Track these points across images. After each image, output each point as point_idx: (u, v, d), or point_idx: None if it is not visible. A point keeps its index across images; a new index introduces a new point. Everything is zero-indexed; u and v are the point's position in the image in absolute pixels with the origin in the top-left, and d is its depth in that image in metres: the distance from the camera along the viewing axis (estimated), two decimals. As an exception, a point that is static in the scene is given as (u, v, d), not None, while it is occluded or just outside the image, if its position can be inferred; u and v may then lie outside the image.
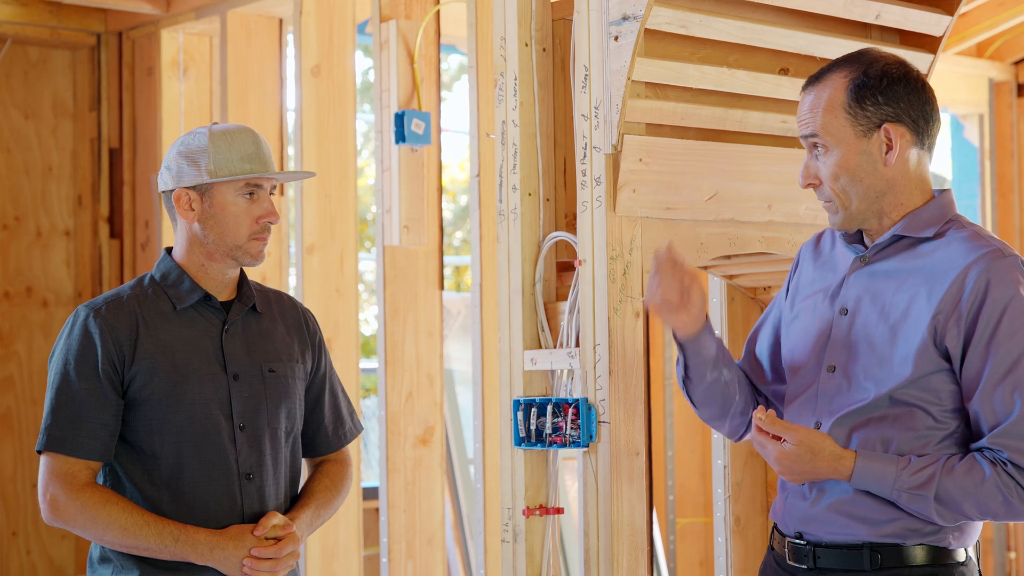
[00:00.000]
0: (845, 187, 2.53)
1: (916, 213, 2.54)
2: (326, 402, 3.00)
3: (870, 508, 2.50)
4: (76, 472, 2.74)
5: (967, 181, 7.09)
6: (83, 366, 2.75)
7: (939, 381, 2.47)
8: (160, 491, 2.77)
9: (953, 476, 2.43)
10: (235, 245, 2.82)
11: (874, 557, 2.50)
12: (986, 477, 2.41)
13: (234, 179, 2.79)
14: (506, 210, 3.18)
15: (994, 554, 6.86)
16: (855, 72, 2.54)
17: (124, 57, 5.74)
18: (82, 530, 2.74)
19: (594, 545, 3.00)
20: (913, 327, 2.47)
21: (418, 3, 4.83)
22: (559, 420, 3.05)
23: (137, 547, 2.72)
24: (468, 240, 10.01)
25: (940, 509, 2.44)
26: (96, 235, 5.78)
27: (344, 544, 4.99)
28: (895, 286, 2.53)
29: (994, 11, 6.38)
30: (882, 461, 2.46)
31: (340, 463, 3.03)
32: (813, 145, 2.56)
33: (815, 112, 2.54)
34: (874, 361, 2.51)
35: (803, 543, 2.57)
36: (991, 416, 2.43)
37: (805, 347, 2.64)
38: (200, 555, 2.73)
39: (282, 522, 2.80)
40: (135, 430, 2.78)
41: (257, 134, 2.85)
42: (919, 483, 2.43)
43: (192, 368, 2.79)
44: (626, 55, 2.96)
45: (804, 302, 2.69)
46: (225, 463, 2.79)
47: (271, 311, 2.95)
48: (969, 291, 2.43)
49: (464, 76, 10.71)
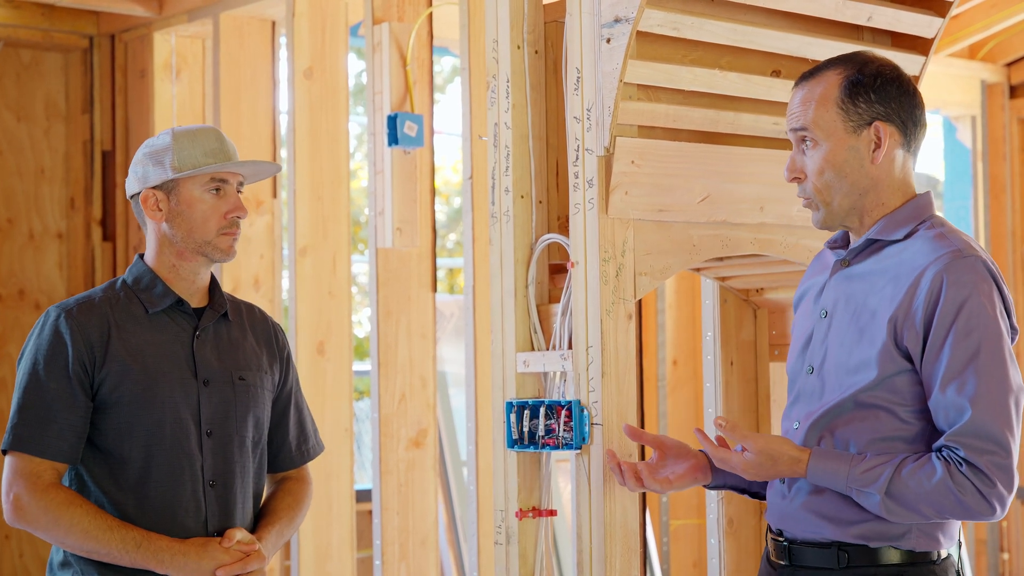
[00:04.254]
0: (829, 182, 2.56)
1: (892, 215, 2.57)
2: (291, 417, 3.00)
3: (840, 508, 2.53)
4: (41, 472, 2.71)
5: (960, 183, 7.10)
6: (53, 366, 2.73)
7: (903, 382, 2.48)
8: (126, 495, 2.75)
9: (904, 475, 2.44)
10: (204, 241, 2.82)
11: (842, 556, 2.52)
12: (936, 477, 2.41)
13: (198, 173, 2.79)
14: (499, 212, 3.18)
15: (987, 555, 6.87)
16: (850, 70, 2.58)
17: (117, 59, 5.73)
18: (44, 532, 2.71)
19: (587, 547, 3.00)
20: (877, 328, 2.50)
21: (411, 5, 4.83)
22: (552, 422, 3.05)
23: (98, 552, 2.69)
24: (461, 242, 10.01)
25: (891, 506, 2.45)
26: (89, 237, 5.78)
27: (337, 546, 4.99)
28: (866, 288, 2.56)
29: (986, 13, 6.39)
30: (835, 459, 2.49)
31: (301, 481, 3.03)
32: (801, 139, 2.59)
33: (807, 106, 2.58)
34: (843, 363, 2.54)
35: (782, 540, 2.61)
36: (947, 415, 2.44)
37: (795, 350, 2.69)
38: (160, 562, 2.70)
39: (247, 539, 2.78)
40: (103, 433, 2.76)
41: (220, 132, 2.86)
42: (869, 481, 2.45)
43: (163, 372, 2.78)
44: (618, 57, 2.96)
45: (801, 308, 2.74)
46: (192, 469, 2.77)
47: (242, 321, 2.94)
48: (925, 291, 2.45)
49: (457, 78, 10.72)
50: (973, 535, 6.90)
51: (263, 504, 2.95)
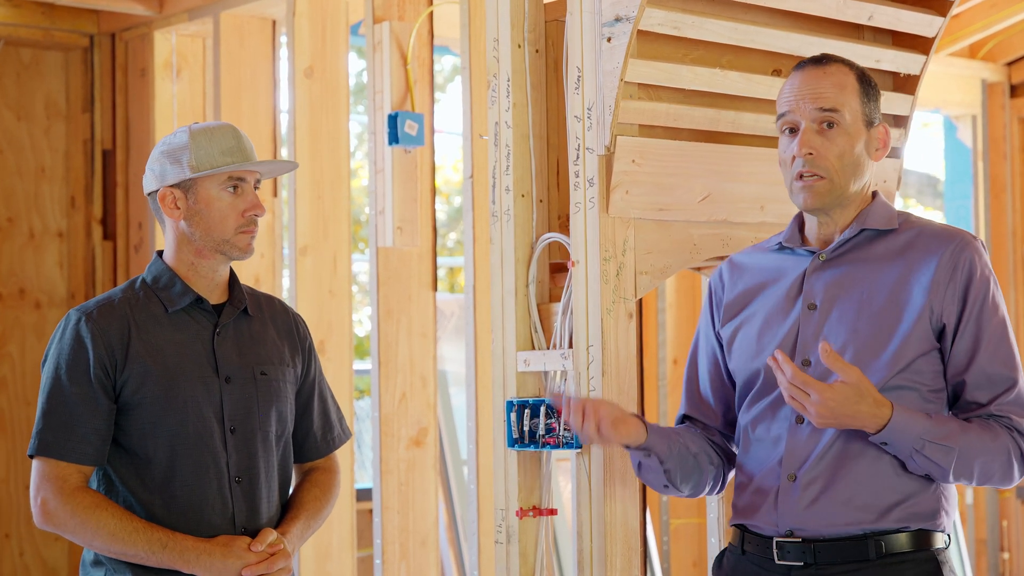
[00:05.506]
0: (846, 167, 2.62)
1: (871, 208, 2.66)
2: (315, 407, 3.00)
3: (876, 494, 2.53)
4: (67, 476, 2.73)
5: (960, 182, 7.09)
6: (75, 371, 2.75)
7: (926, 363, 2.56)
8: (152, 495, 2.76)
9: (972, 432, 2.51)
10: (223, 239, 2.82)
11: (878, 545, 2.52)
12: (1000, 439, 2.52)
13: (216, 172, 2.79)
14: (499, 211, 3.18)
15: (988, 555, 6.87)
16: (855, 69, 2.67)
17: (117, 58, 5.73)
18: (72, 534, 2.73)
19: (587, 546, 3.00)
20: (905, 310, 2.55)
21: (411, 4, 4.83)
22: (552, 421, 3.05)
23: (125, 553, 2.71)
24: (462, 241, 10.01)
25: (957, 464, 2.50)
26: (89, 236, 5.78)
27: (338, 545, 4.99)
28: (871, 275, 2.60)
29: (987, 12, 6.38)
30: (915, 413, 2.52)
31: (328, 471, 3.02)
32: (825, 120, 2.61)
33: (837, 89, 2.62)
34: (862, 350, 2.56)
35: (795, 540, 2.57)
36: (989, 386, 2.55)
37: (767, 348, 2.65)
38: (187, 562, 2.72)
39: (274, 539, 2.79)
40: (128, 434, 2.77)
41: (238, 129, 2.85)
42: (946, 434, 2.50)
43: (184, 371, 2.79)
44: (619, 56, 2.96)
45: (747, 311, 2.72)
46: (217, 466, 2.78)
47: (262, 315, 2.94)
48: (960, 267, 2.56)
49: (457, 77, 10.71)
50: (973, 535, 6.90)
51: (290, 496, 2.95)
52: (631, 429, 2.69)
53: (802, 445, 2.58)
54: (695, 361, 2.84)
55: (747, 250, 2.82)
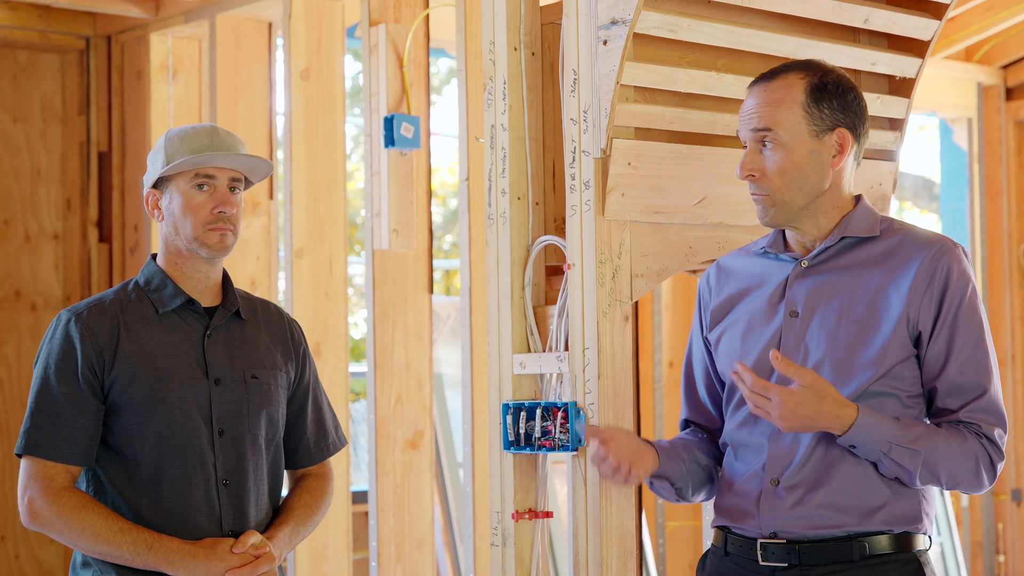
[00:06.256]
0: (791, 183, 2.61)
1: (851, 216, 2.65)
2: (309, 413, 2.99)
3: (858, 497, 2.55)
4: (54, 476, 2.73)
5: (956, 185, 7.10)
6: (63, 370, 2.75)
7: (905, 369, 2.57)
8: (140, 495, 2.76)
9: (939, 437, 2.53)
10: (191, 237, 2.82)
11: (861, 547, 2.54)
12: (967, 444, 2.53)
13: (174, 168, 2.79)
14: (495, 214, 3.18)
15: (983, 557, 6.87)
16: (812, 76, 2.64)
17: (113, 61, 5.73)
18: (58, 534, 2.73)
19: (583, 549, 3.00)
20: (884, 317, 2.56)
21: (407, 7, 4.83)
22: (548, 424, 3.05)
23: (110, 554, 2.71)
24: (457, 244, 10.01)
25: (924, 468, 2.52)
26: (85, 239, 5.78)
27: (333, 548, 4.99)
28: (852, 282, 2.61)
29: (983, 15, 6.39)
30: (881, 415, 2.52)
31: (321, 477, 3.01)
32: (761, 139, 2.62)
33: (771, 107, 2.62)
34: (842, 357, 2.57)
35: (779, 542, 2.58)
36: (960, 393, 2.56)
37: (749, 354, 2.66)
38: (171, 564, 2.71)
39: (259, 541, 2.79)
40: (116, 434, 2.77)
41: (218, 130, 2.84)
42: (913, 438, 2.51)
43: (172, 372, 2.79)
44: (615, 59, 2.96)
45: (731, 316, 2.73)
46: (204, 468, 2.78)
47: (256, 319, 2.94)
48: (937, 273, 2.56)
49: (453, 80, 10.72)
50: (969, 537, 6.90)
51: (281, 502, 2.95)
52: (647, 462, 2.72)
53: (784, 450, 2.59)
54: (690, 366, 2.85)
55: (734, 253, 2.82)
